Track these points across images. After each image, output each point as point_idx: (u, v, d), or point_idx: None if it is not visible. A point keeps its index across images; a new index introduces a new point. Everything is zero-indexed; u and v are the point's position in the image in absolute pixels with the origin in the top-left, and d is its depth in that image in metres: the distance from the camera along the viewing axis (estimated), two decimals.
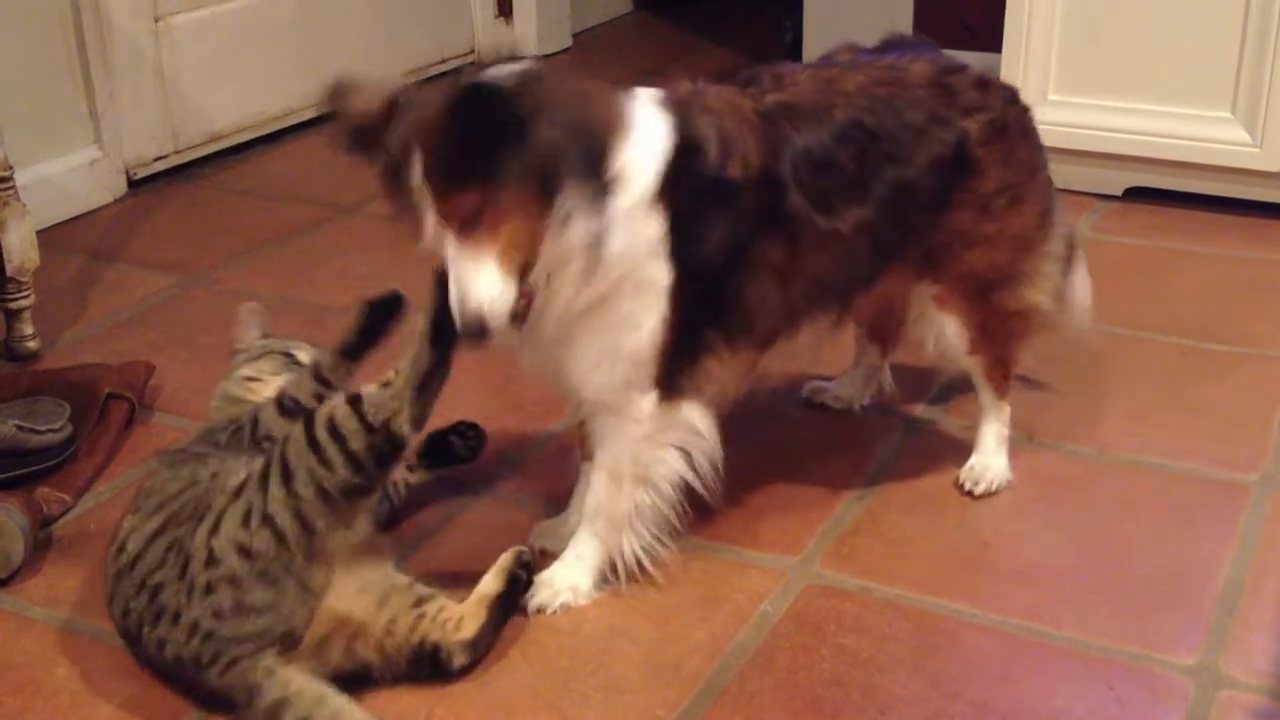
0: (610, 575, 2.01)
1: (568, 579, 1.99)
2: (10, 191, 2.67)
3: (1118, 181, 3.44)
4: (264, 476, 1.74)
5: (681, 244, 1.84)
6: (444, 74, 4.64)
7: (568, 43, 5.00)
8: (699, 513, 2.19)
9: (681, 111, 1.86)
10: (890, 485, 2.29)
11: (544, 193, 1.68)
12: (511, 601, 1.89)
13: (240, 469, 1.81)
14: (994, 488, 2.24)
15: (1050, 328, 2.26)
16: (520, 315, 1.75)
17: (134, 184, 3.67)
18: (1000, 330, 2.19)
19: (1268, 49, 3.12)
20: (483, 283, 1.68)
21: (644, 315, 1.86)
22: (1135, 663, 1.87)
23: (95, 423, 2.41)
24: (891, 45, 2.18)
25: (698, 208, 1.85)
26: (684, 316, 1.88)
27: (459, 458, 2.23)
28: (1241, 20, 3.16)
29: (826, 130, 1.95)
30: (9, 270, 2.70)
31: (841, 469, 2.32)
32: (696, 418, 1.97)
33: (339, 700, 1.69)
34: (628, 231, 1.78)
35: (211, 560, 1.72)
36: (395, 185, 1.73)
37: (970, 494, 2.23)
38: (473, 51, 4.77)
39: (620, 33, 5.31)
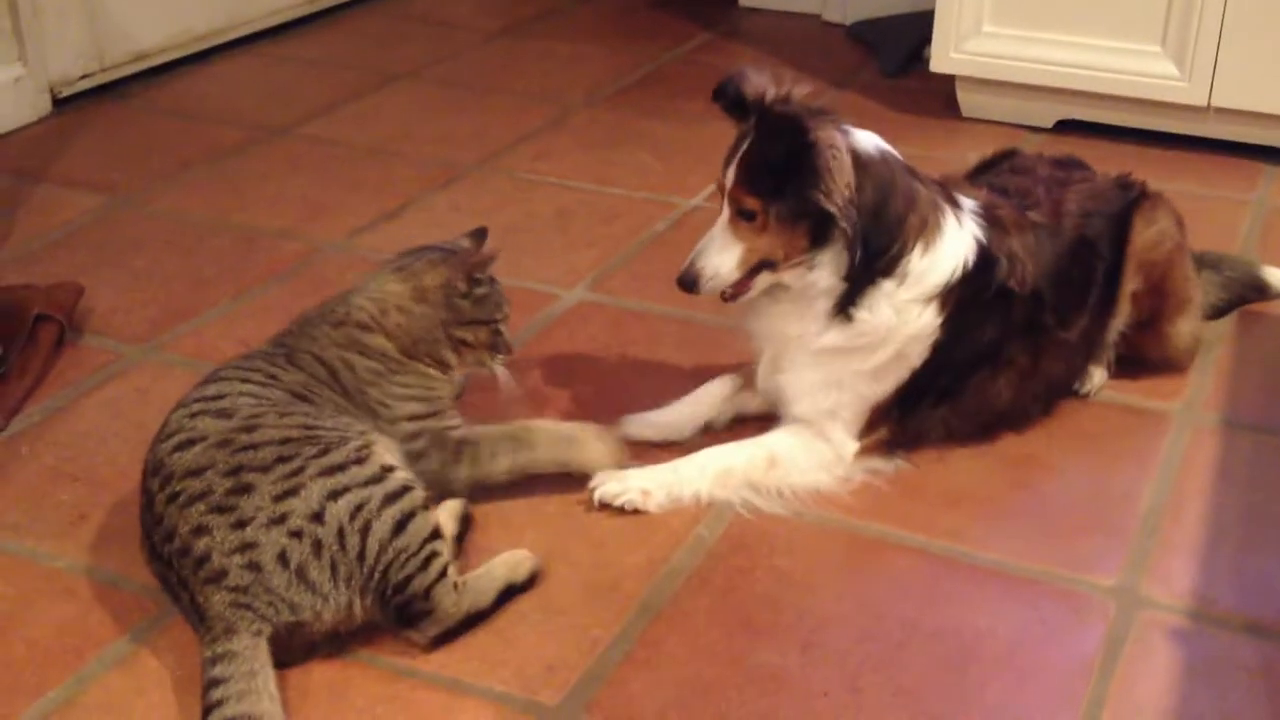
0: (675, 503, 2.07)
1: (644, 483, 2.05)
2: None
3: (1049, 114, 3.48)
4: (388, 497, 1.73)
5: (951, 339, 2.08)
6: None
7: None
8: (635, 442, 2.22)
9: (989, 224, 2.12)
10: None
11: (809, 237, 1.98)
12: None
13: (385, 450, 1.81)
14: None
15: None
16: (726, 297, 2.07)
17: (59, 103, 3.59)
18: None
19: None
20: (718, 258, 2.02)
21: (887, 376, 2.09)
22: (1058, 584, 1.92)
23: (24, 344, 2.38)
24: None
25: (977, 311, 2.09)
26: (922, 392, 2.12)
27: None
28: None
29: (1064, 246, 2.19)
30: None
31: None
32: (881, 464, 2.15)
33: (266, 704, 1.62)
34: (900, 317, 2.03)
35: (317, 517, 1.69)
36: (731, 148, 2.03)
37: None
38: None
39: None
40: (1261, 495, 2.11)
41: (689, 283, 2.04)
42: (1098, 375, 2.35)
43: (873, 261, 1.99)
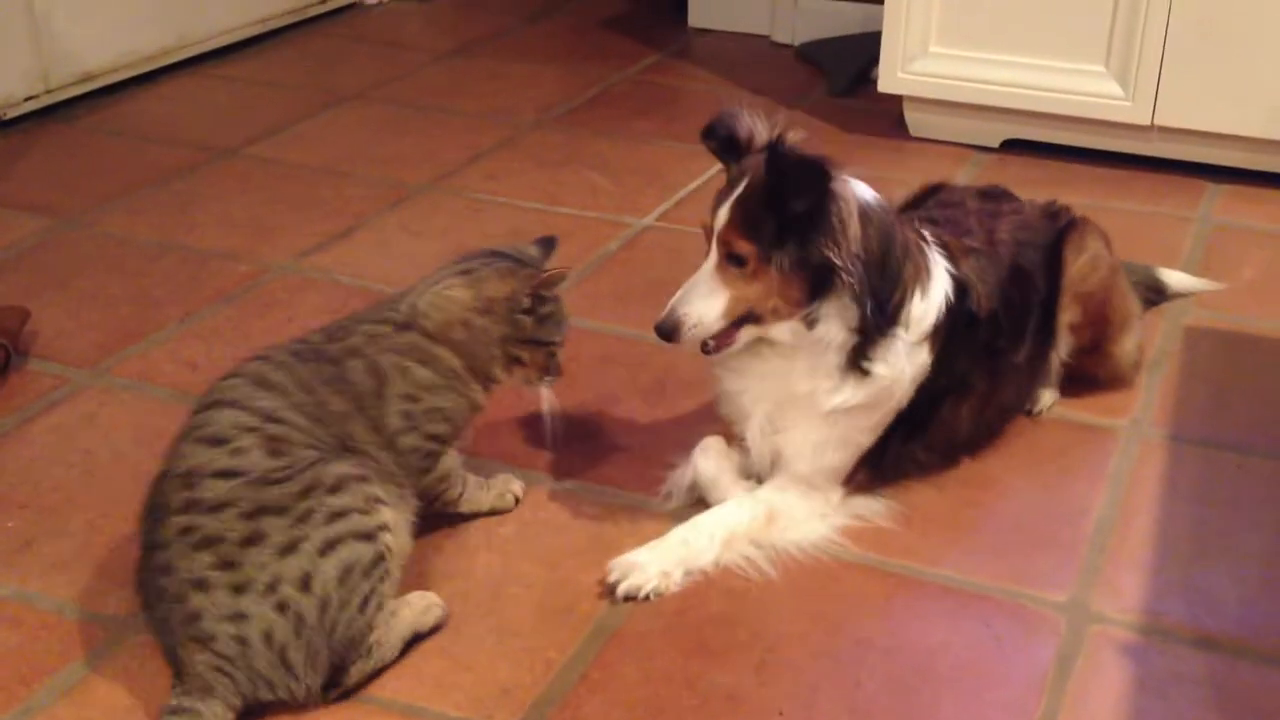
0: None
1: (662, 565, 1.93)
2: None
3: (995, 133, 3.52)
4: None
5: (934, 374, 2.04)
6: (321, 16, 4.56)
7: None
8: (591, 458, 2.22)
9: (951, 255, 2.09)
10: None
11: (809, 290, 1.90)
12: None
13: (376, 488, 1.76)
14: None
15: None
16: (709, 350, 1.96)
17: (4, 124, 3.55)
18: None
19: (1140, 4, 3.20)
20: (702, 305, 1.90)
21: (881, 425, 2.04)
22: (1010, 600, 1.94)
23: None
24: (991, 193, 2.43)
25: (954, 342, 2.06)
26: (903, 430, 2.08)
27: None
28: None
29: (1005, 271, 2.17)
30: None
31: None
32: (870, 507, 2.10)
33: None
34: (906, 363, 1.98)
35: (305, 584, 1.65)
36: (722, 189, 1.94)
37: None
38: None
39: None
40: (1209, 509, 2.14)
41: (668, 331, 1.91)
42: (1048, 395, 2.37)
43: (883, 311, 1.93)
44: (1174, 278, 2.77)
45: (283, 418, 1.75)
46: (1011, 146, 3.51)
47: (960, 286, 2.07)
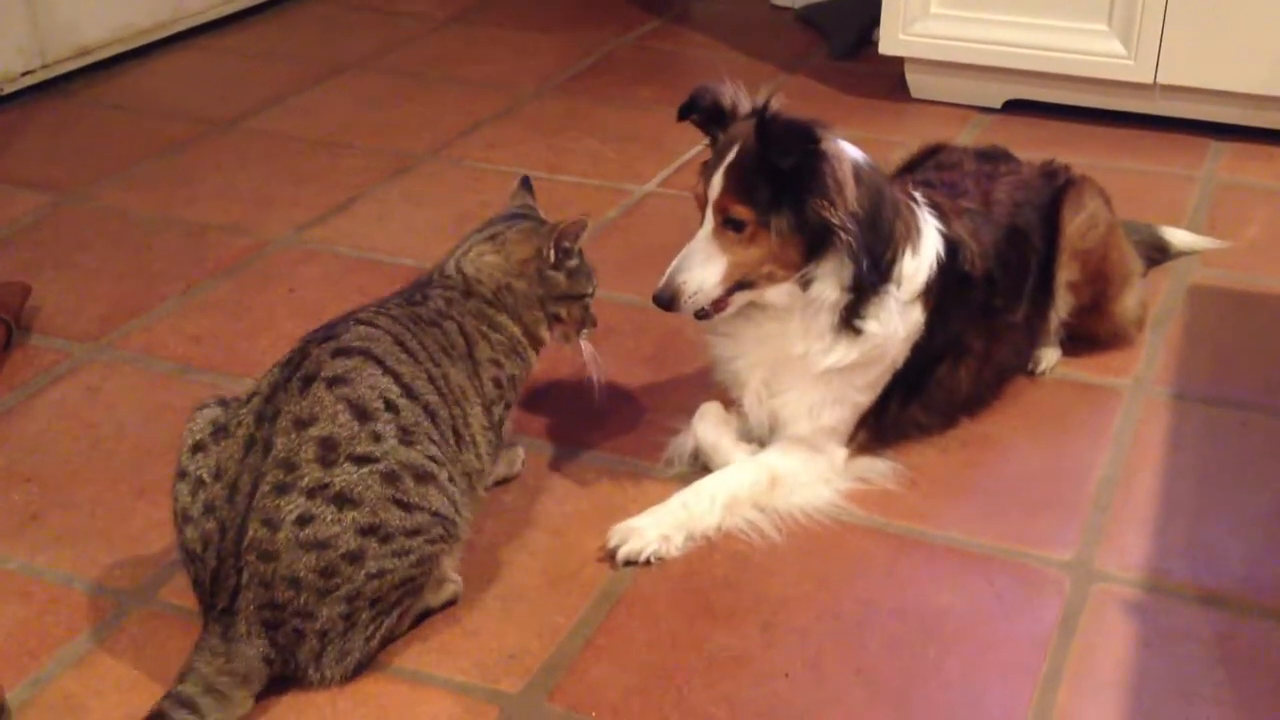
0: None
1: (662, 529, 1.93)
2: None
3: (997, 94, 3.50)
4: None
5: (929, 334, 2.05)
6: None
7: None
8: (595, 425, 2.22)
9: (943, 215, 2.10)
10: None
11: (805, 251, 1.90)
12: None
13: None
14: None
15: None
16: (703, 314, 1.96)
17: (1, 100, 3.54)
18: None
19: None
20: (700, 271, 1.91)
21: (880, 383, 2.05)
22: (1014, 559, 1.94)
23: None
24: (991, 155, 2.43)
25: (948, 301, 2.06)
26: (902, 392, 2.08)
27: None
28: None
29: (1000, 232, 2.18)
30: None
31: None
32: (874, 468, 2.10)
33: None
34: (899, 321, 1.98)
35: (374, 603, 1.67)
36: (711, 158, 1.94)
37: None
38: None
39: None
40: (1213, 467, 2.14)
41: (667, 300, 1.91)
42: (1050, 355, 2.37)
43: (876, 269, 1.94)
44: (1178, 236, 2.77)
45: (418, 393, 1.72)
46: (1014, 107, 3.49)
47: (952, 246, 2.07)
